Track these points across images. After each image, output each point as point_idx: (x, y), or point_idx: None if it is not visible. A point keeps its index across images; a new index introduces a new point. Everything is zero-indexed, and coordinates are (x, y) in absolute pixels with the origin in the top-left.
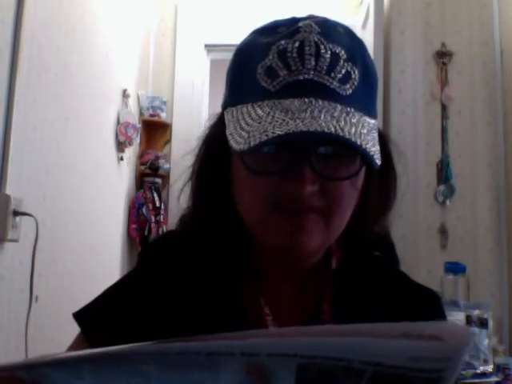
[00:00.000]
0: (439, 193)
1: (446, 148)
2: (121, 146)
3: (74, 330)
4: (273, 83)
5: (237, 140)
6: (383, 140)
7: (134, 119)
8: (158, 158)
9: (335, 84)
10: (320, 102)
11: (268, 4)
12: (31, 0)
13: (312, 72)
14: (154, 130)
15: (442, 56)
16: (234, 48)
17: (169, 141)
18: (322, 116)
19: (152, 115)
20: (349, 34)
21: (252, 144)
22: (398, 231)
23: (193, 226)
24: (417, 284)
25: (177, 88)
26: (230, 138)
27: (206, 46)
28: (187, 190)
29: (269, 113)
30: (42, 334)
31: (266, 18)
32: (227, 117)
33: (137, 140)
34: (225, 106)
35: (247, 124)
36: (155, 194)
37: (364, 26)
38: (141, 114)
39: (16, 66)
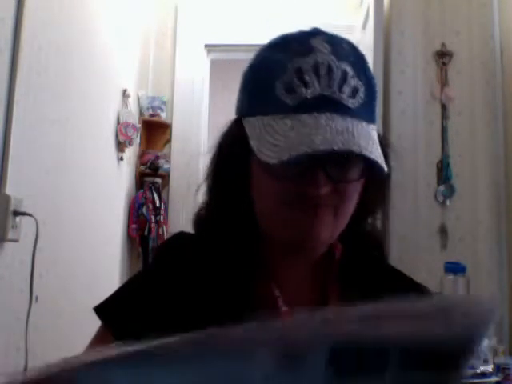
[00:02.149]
0: (439, 193)
1: (446, 148)
2: (121, 146)
3: (74, 329)
4: (292, 99)
5: (266, 153)
6: (380, 142)
7: (134, 119)
8: (158, 157)
9: (345, 98)
10: (335, 116)
11: (268, 4)
12: (31, 0)
13: (326, 89)
14: (154, 129)
15: (442, 56)
16: (234, 48)
17: (169, 141)
18: (341, 132)
19: (152, 115)
20: (352, 49)
21: (284, 159)
22: (397, 231)
23: (209, 221)
24: (409, 277)
25: (177, 88)
26: (256, 149)
27: (206, 45)
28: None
29: (293, 127)
30: (42, 333)
31: (266, 18)
32: (248, 126)
33: (137, 140)
34: (242, 113)
35: (275, 138)
36: (155, 194)
37: (364, 26)
38: (141, 113)
39: (16, 66)
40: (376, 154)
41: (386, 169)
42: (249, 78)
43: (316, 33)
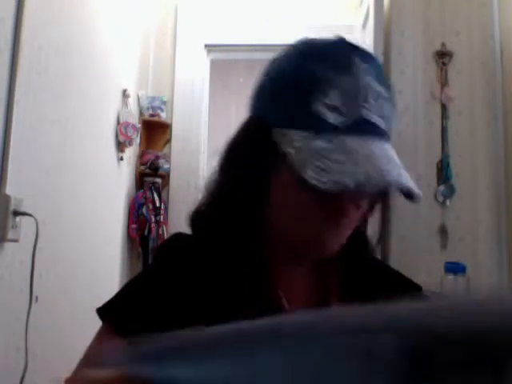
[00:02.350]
0: (439, 193)
1: (446, 148)
2: (121, 146)
3: (74, 329)
4: (334, 118)
5: (314, 176)
6: None
7: (134, 119)
8: (158, 157)
9: (380, 121)
10: (374, 140)
11: (268, 4)
12: (31, 0)
13: (364, 111)
14: (154, 129)
15: (442, 56)
16: (234, 48)
17: (169, 141)
18: (388, 162)
19: (152, 115)
20: (379, 65)
21: (335, 187)
22: (397, 231)
23: (217, 221)
24: (404, 275)
25: (177, 88)
26: (300, 169)
27: (206, 45)
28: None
29: (340, 152)
30: (42, 333)
31: (266, 18)
32: (283, 139)
33: (137, 140)
34: (272, 122)
35: (322, 162)
36: (155, 194)
37: (364, 26)
38: (141, 113)
39: (16, 66)
40: (412, 182)
41: (421, 195)
42: (282, 86)
43: (352, 48)
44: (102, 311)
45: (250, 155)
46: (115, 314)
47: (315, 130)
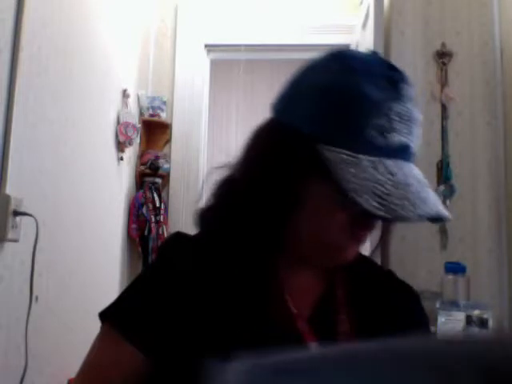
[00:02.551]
0: (439, 193)
1: (446, 148)
2: (121, 146)
3: (74, 329)
4: (381, 142)
5: (366, 199)
6: None
7: (134, 119)
8: (158, 157)
9: (414, 147)
10: (413, 166)
11: (268, 4)
12: (31, 0)
13: (409, 137)
14: (154, 129)
15: (442, 56)
16: (234, 48)
17: (169, 141)
18: (431, 197)
19: (152, 115)
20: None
21: (390, 216)
22: (397, 231)
23: (230, 222)
24: (402, 280)
25: (177, 88)
26: (353, 192)
27: (206, 45)
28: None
29: (390, 179)
30: (42, 334)
31: (266, 18)
32: (330, 156)
33: (137, 140)
34: (318, 137)
35: (375, 187)
36: (155, 194)
37: (364, 26)
38: (141, 114)
39: (16, 66)
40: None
41: (450, 218)
42: (334, 103)
43: (399, 73)
44: (107, 315)
45: (283, 162)
46: (122, 318)
47: (362, 151)
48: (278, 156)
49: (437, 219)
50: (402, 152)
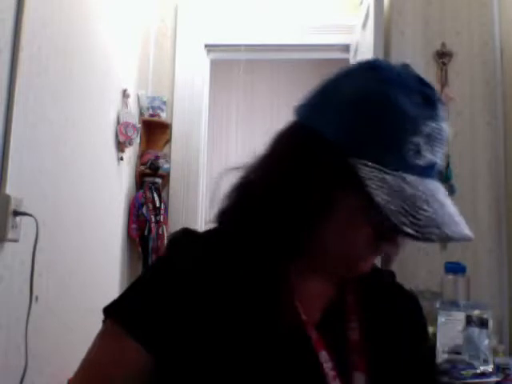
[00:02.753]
0: None
1: (446, 148)
2: (121, 146)
3: (74, 329)
4: (416, 160)
5: (403, 221)
6: None
7: (134, 119)
8: (158, 157)
9: (441, 165)
10: (439, 184)
11: (268, 4)
12: (31, 0)
13: (438, 156)
14: (154, 129)
15: (442, 56)
16: (234, 48)
17: (169, 141)
18: (458, 217)
19: (152, 115)
20: None
21: (420, 235)
22: None
23: (250, 223)
24: (403, 287)
25: (177, 88)
26: (387, 209)
27: (206, 45)
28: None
29: (420, 195)
30: (42, 334)
31: (266, 18)
32: (363, 171)
33: (137, 140)
34: (353, 148)
35: (410, 208)
36: (155, 194)
37: (364, 26)
38: (141, 113)
39: (16, 65)
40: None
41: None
42: (371, 116)
43: (433, 90)
44: (110, 311)
45: (307, 169)
46: (126, 314)
47: (396, 168)
48: (302, 163)
49: (458, 239)
50: (431, 170)
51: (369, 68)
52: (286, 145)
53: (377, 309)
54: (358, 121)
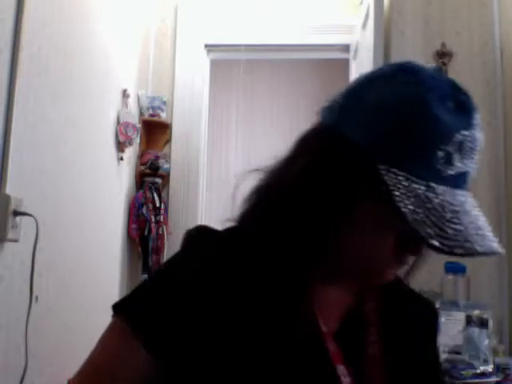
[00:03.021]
0: None
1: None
2: (121, 146)
3: (74, 329)
4: (447, 169)
5: (429, 233)
6: None
7: (134, 119)
8: (158, 157)
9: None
10: (469, 196)
11: (268, 4)
12: (31, 0)
13: (471, 165)
14: (154, 129)
15: (442, 56)
16: (234, 48)
17: (169, 141)
18: (488, 231)
19: (152, 115)
20: None
21: (447, 249)
22: None
23: (274, 228)
24: (421, 294)
25: (177, 88)
26: (412, 220)
27: (206, 45)
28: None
29: (450, 207)
30: (42, 334)
31: (266, 18)
32: (390, 178)
33: (137, 140)
34: (380, 154)
35: (439, 221)
36: (155, 194)
37: (364, 26)
38: (141, 113)
39: (16, 65)
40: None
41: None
42: (396, 118)
43: (467, 97)
44: (119, 307)
45: (332, 174)
46: (132, 314)
47: (425, 177)
48: (327, 166)
49: (485, 254)
50: (462, 180)
51: (401, 70)
52: (312, 147)
53: (395, 319)
54: (387, 125)
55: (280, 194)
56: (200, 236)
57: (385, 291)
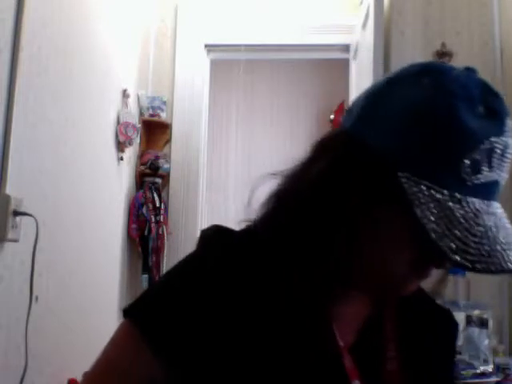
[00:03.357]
0: None
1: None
2: (121, 146)
3: (74, 329)
4: (473, 178)
5: (451, 247)
6: None
7: (134, 119)
8: (158, 157)
9: (503, 183)
10: (497, 205)
11: (268, 4)
12: (31, 0)
13: (501, 174)
14: (154, 129)
15: (442, 56)
16: (234, 48)
17: (169, 141)
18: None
19: (152, 115)
20: None
21: (472, 266)
22: None
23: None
24: (438, 304)
25: (177, 88)
26: (433, 232)
27: (206, 45)
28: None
29: (479, 224)
30: (41, 334)
31: (266, 18)
32: (410, 185)
33: (137, 140)
34: (396, 162)
35: (463, 235)
36: (155, 194)
37: (364, 26)
38: (141, 113)
39: (16, 65)
40: None
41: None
42: (420, 124)
43: (499, 100)
44: (129, 310)
45: (350, 182)
46: (141, 318)
47: (449, 187)
48: (346, 174)
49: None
50: (491, 190)
51: (425, 71)
52: (330, 153)
53: (414, 332)
54: (409, 131)
55: (296, 199)
56: (216, 237)
57: (404, 303)
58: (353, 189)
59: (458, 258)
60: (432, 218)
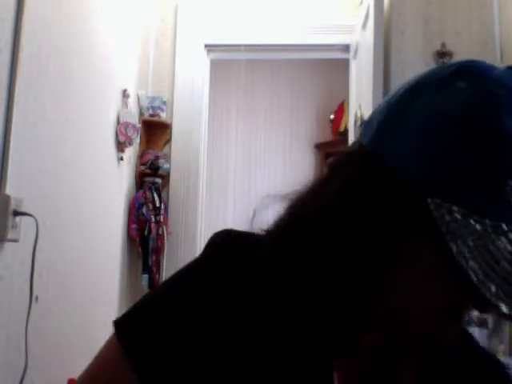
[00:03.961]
0: None
1: None
2: (121, 146)
3: (74, 329)
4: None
5: (491, 289)
6: None
7: (134, 119)
8: (158, 157)
9: None
10: None
11: (268, 4)
12: (31, 0)
13: None
14: (154, 129)
15: (442, 56)
16: (234, 48)
17: (169, 141)
18: None
19: (152, 115)
20: None
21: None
22: None
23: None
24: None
25: (177, 88)
26: (466, 267)
27: (206, 45)
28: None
29: None
30: (42, 334)
31: (266, 18)
32: (441, 212)
33: (137, 140)
34: (422, 183)
35: (509, 274)
36: (155, 194)
37: (364, 26)
38: (141, 113)
39: (16, 65)
40: None
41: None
42: (455, 139)
43: None
44: (118, 327)
45: (371, 207)
46: (131, 339)
47: (490, 215)
48: (366, 201)
49: None
50: None
51: (458, 74)
52: (346, 173)
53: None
54: (439, 148)
55: (309, 228)
56: (223, 248)
57: (437, 351)
58: (376, 219)
59: (504, 309)
60: (469, 255)
